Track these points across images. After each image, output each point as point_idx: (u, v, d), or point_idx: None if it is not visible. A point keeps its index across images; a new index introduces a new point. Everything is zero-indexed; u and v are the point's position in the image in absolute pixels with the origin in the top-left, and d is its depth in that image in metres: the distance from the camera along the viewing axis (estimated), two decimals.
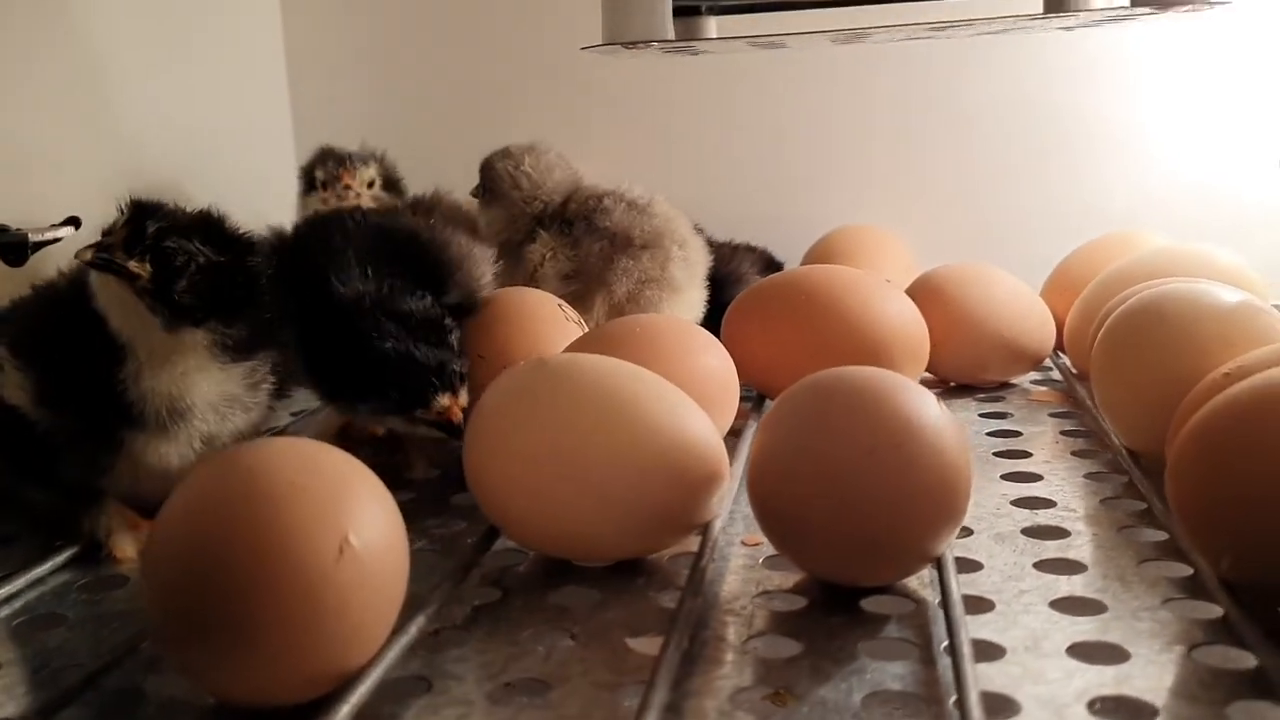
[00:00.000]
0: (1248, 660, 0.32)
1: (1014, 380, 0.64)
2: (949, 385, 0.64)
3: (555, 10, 0.79)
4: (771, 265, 0.74)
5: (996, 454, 0.52)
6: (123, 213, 0.41)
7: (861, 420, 0.35)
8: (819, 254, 0.73)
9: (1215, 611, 0.35)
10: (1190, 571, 0.38)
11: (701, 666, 0.34)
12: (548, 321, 0.54)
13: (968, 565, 0.40)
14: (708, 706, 0.31)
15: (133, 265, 0.40)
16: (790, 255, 0.75)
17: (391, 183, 0.66)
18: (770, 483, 0.37)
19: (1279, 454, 0.32)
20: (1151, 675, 0.32)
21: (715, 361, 0.50)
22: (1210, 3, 0.44)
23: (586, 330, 0.54)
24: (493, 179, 0.66)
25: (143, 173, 0.68)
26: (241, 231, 0.44)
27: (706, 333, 0.52)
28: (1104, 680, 0.32)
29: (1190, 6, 0.44)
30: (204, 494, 0.31)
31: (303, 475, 0.31)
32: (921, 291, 0.62)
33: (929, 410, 0.36)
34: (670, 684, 0.32)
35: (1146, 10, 0.45)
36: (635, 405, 0.39)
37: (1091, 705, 0.31)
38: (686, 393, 0.42)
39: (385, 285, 0.49)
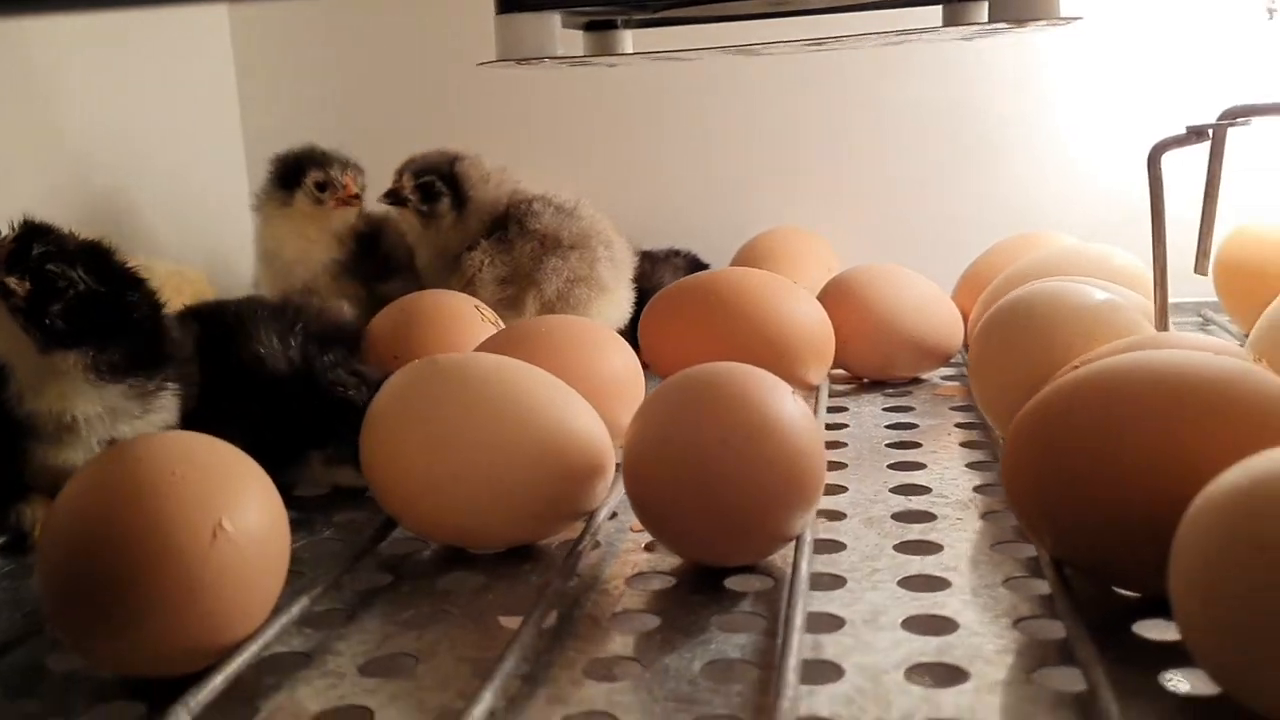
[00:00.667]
0: (1059, 631, 0.35)
1: (924, 376, 0.67)
2: (861, 381, 0.67)
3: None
4: (697, 268, 0.76)
5: (889, 445, 0.55)
6: (14, 230, 0.43)
7: (717, 413, 0.38)
8: (746, 256, 0.76)
9: (1045, 589, 0.38)
10: (1035, 553, 0.41)
11: (565, 641, 0.36)
12: (463, 322, 0.56)
13: (831, 546, 0.43)
14: (560, 675, 0.34)
15: (11, 282, 0.42)
16: (720, 258, 0.78)
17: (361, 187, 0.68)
18: (640, 469, 0.39)
19: (1096, 438, 0.35)
20: (972, 645, 0.35)
21: (620, 361, 0.53)
22: (1064, 19, 0.47)
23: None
24: (464, 184, 0.68)
25: (90, 183, 0.70)
26: (129, 265, 0.46)
27: (613, 333, 0.55)
28: (927, 649, 0.34)
29: (1045, 22, 0.47)
30: (93, 483, 0.34)
31: (183, 465, 0.34)
32: (833, 292, 0.65)
33: (782, 404, 0.39)
34: (527, 655, 0.34)
35: (1004, 26, 0.47)
36: (523, 401, 0.42)
37: (908, 672, 0.33)
38: (592, 391, 0.45)
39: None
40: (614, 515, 0.47)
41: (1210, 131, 0.48)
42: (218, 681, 0.32)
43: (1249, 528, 0.27)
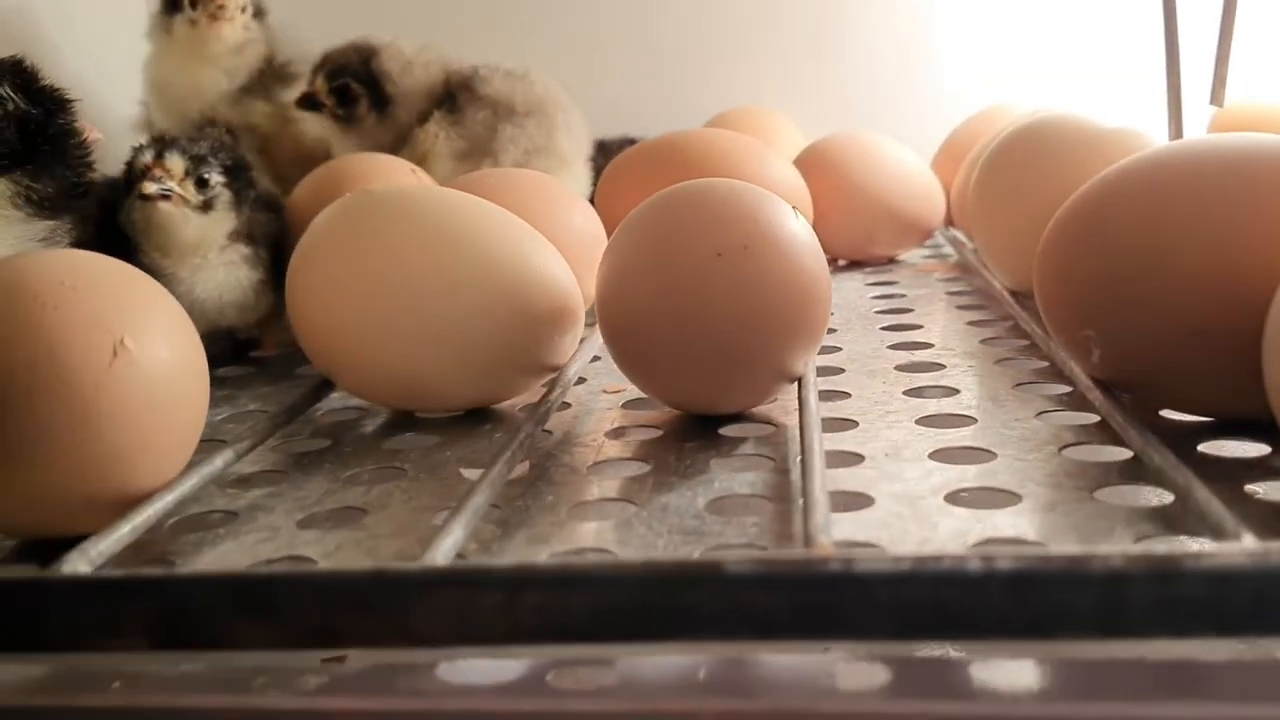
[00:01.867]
0: (1121, 454, 0.30)
1: (902, 257, 0.62)
2: (838, 263, 0.62)
3: None
4: None
5: (879, 312, 0.50)
6: None
7: (706, 224, 0.33)
8: None
9: (1091, 419, 0.33)
10: (1069, 389, 0.36)
11: (541, 488, 0.31)
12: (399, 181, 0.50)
13: (834, 395, 0.38)
14: (540, 518, 0.29)
15: None
16: None
17: (260, 11, 0.61)
18: (616, 304, 0.34)
19: (1148, 233, 0.30)
20: (1018, 470, 0.30)
21: (581, 220, 0.47)
22: None
23: None
24: (383, 81, 0.61)
25: None
26: (56, 88, 0.41)
27: (572, 191, 0.49)
28: (966, 476, 0.30)
29: None
30: None
31: (74, 276, 0.28)
32: (808, 163, 0.60)
33: (782, 217, 0.34)
34: (498, 500, 0.29)
35: None
36: (471, 235, 0.36)
37: (949, 496, 0.28)
38: (560, 243, 0.39)
39: None
40: (584, 380, 0.41)
41: None
42: (124, 531, 0.26)
43: None
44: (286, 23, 0.62)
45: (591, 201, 0.57)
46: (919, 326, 0.47)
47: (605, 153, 0.70)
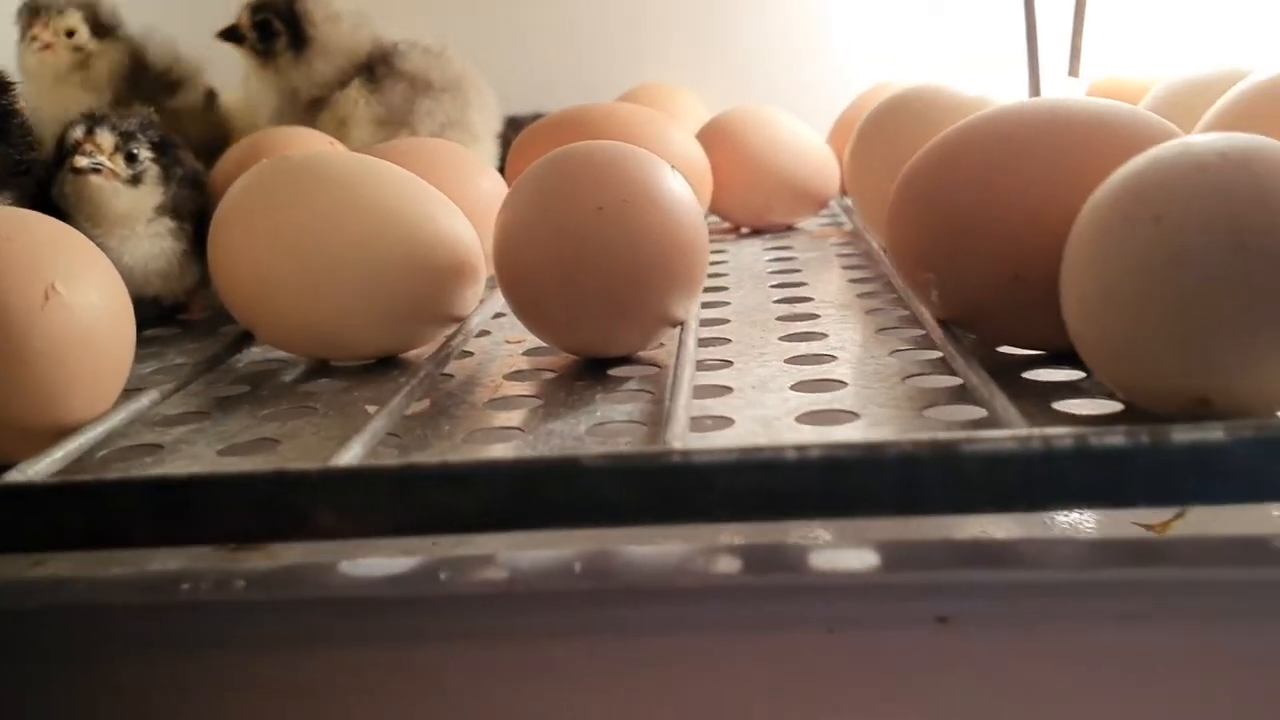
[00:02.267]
0: (953, 381, 0.34)
1: (801, 226, 0.66)
2: (740, 231, 0.65)
3: None
4: None
5: (771, 272, 0.54)
6: None
7: (589, 181, 0.36)
8: None
9: (935, 355, 0.37)
10: (923, 332, 0.40)
11: (439, 421, 0.34)
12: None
13: (716, 340, 0.41)
14: (437, 445, 0.32)
15: None
16: None
17: (103, 28, 0.62)
18: (510, 257, 0.37)
19: (976, 184, 0.34)
20: (863, 396, 0.34)
21: (488, 185, 0.50)
22: None
23: None
24: (303, 21, 0.63)
25: None
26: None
27: (479, 158, 0.52)
28: (817, 402, 0.33)
29: None
30: None
31: (10, 229, 0.31)
32: (709, 137, 0.63)
33: (661, 175, 0.37)
34: (397, 429, 0.32)
35: None
36: (379, 196, 0.39)
37: (800, 417, 0.32)
38: (469, 208, 0.42)
39: None
40: (487, 332, 0.45)
41: None
42: (56, 456, 0.29)
43: (1138, 200, 0.26)
44: (154, 26, 0.63)
45: (502, 172, 0.60)
46: (804, 284, 0.50)
47: (518, 128, 0.73)
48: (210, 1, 0.63)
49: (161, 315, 0.50)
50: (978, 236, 0.33)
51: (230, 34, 0.61)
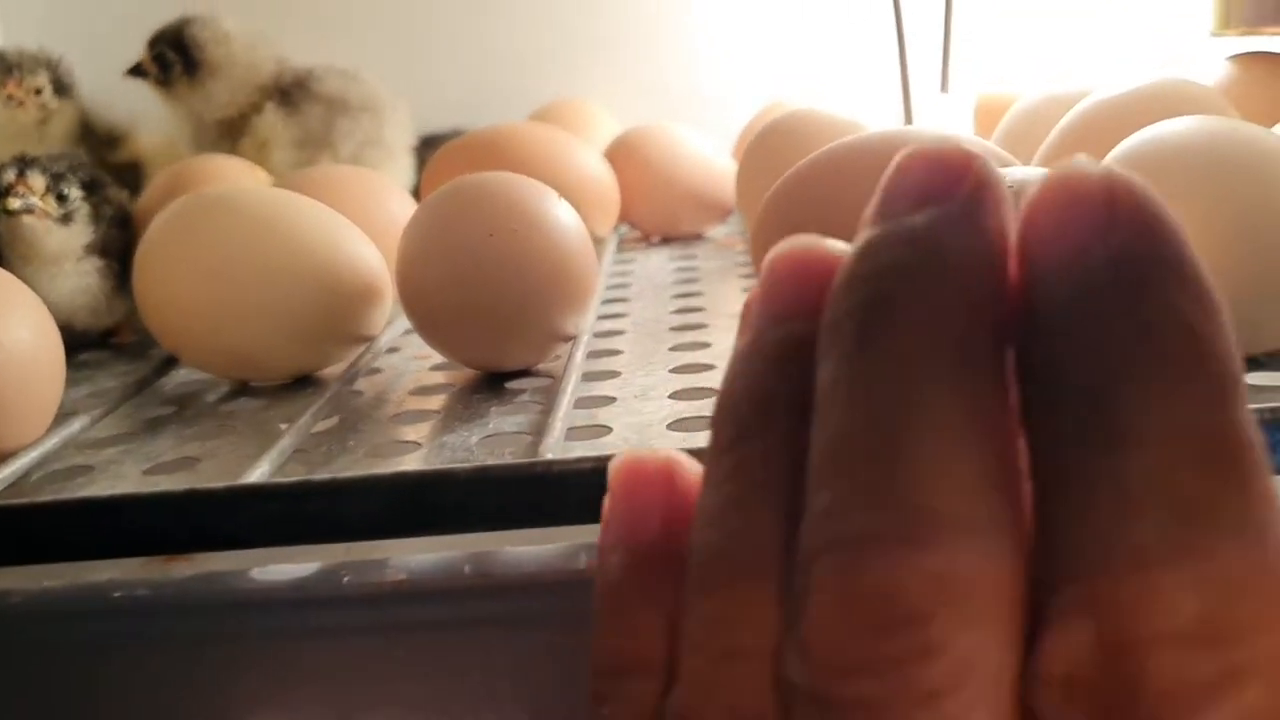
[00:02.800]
0: None
1: (710, 235, 0.70)
2: (651, 240, 0.69)
3: None
4: None
5: (673, 283, 0.57)
6: None
7: (482, 210, 0.39)
8: None
9: None
10: None
11: (344, 436, 0.37)
12: (236, 182, 0.56)
13: (608, 352, 0.45)
14: (339, 460, 0.35)
15: None
16: None
17: (63, 87, 0.65)
18: (410, 280, 0.41)
19: (824, 208, 0.37)
20: None
21: (397, 207, 0.53)
22: None
23: None
24: (193, 47, 0.66)
25: None
26: None
27: (390, 181, 0.56)
28: (690, 409, 0.37)
29: None
30: None
31: None
32: (617, 152, 0.67)
33: (549, 204, 0.41)
34: (304, 445, 0.36)
35: None
36: (289, 226, 0.42)
37: (672, 425, 0.36)
38: (371, 234, 0.46)
39: None
40: (396, 349, 0.48)
41: None
42: None
43: None
44: (101, 92, 0.65)
45: (416, 191, 0.63)
46: (701, 294, 0.54)
47: (435, 144, 0.76)
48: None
49: (91, 341, 0.52)
50: None
51: (136, 71, 0.64)
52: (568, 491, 0.27)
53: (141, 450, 0.38)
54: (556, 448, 0.31)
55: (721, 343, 0.45)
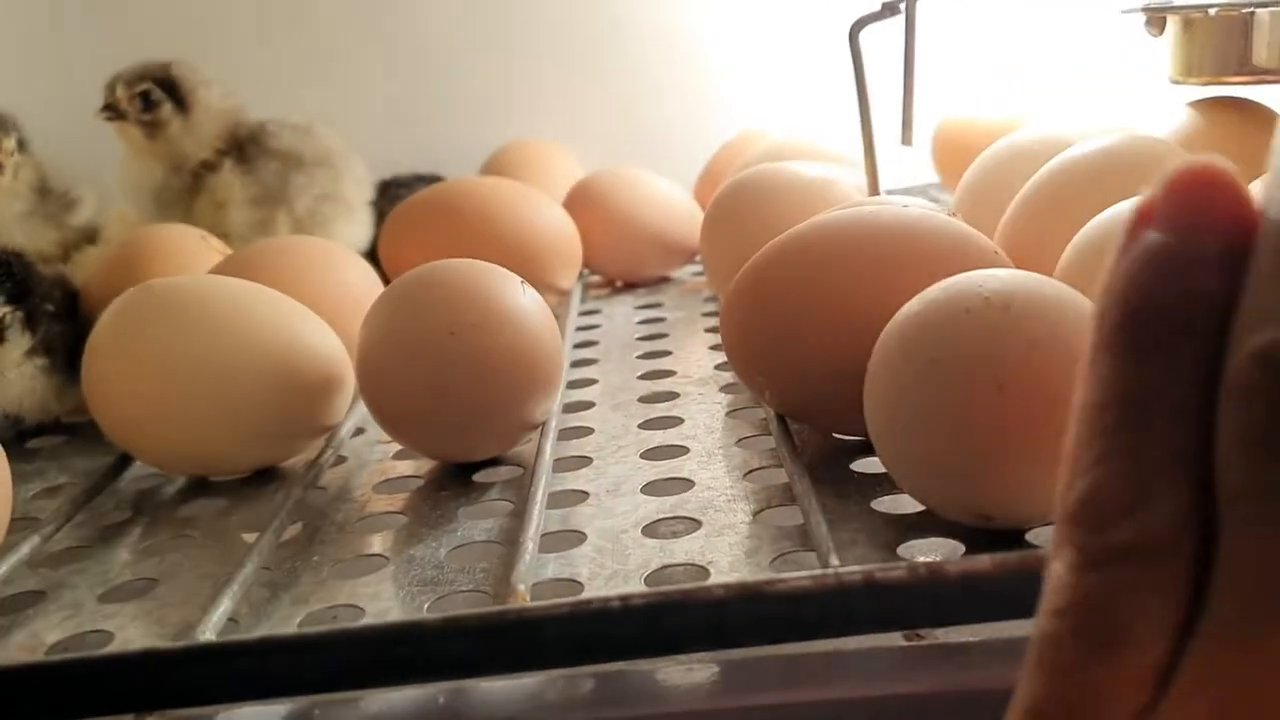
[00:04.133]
0: (784, 477, 0.37)
1: (674, 275, 0.69)
2: (615, 285, 0.68)
3: None
4: None
5: (640, 339, 0.56)
6: None
7: (442, 305, 0.38)
8: (490, 170, 0.76)
9: (774, 444, 0.40)
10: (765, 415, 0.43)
11: (311, 547, 0.36)
12: (190, 255, 0.55)
13: (579, 432, 0.44)
14: (305, 578, 0.34)
15: None
16: (465, 174, 0.77)
17: (23, 143, 0.63)
18: (372, 370, 0.39)
19: (798, 290, 0.37)
20: (705, 498, 0.36)
21: (355, 276, 0.52)
22: None
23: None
24: (183, 86, 0.64)
25: None
26: None
27: (347, 250, 0.54)
28: (664, 508, 0.36)
29: None
30: None
31: None
32: (578, 198, 0.66)
33: (510, 294, 0.40)
34: (268, 563, 0.34)
35: None
36: (245, 319, 0.41)
37: (647, 529, 0.35)
38: (328, 308, 0.45)
39: None
40: (362, 431, 0.47)
41: (902, 6, 0.51)
42: None
43: (916, 343, 0.29)
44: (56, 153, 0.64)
45: (375, 244, 0.62)
46: (669, 353, 0.53)
47: (396, 189, 0.75)
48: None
49: (44, 428, 0.51)
50: (799, 343, 0.36)
51: (112, 111, 0.62)
52: (541, 637, 0.26)
53: (95, 568, 0.36)
54: (528, 571, 0.31)
55: (695, 418, 0.44)
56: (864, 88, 0.51)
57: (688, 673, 0.30)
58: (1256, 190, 0.38)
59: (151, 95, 0.64)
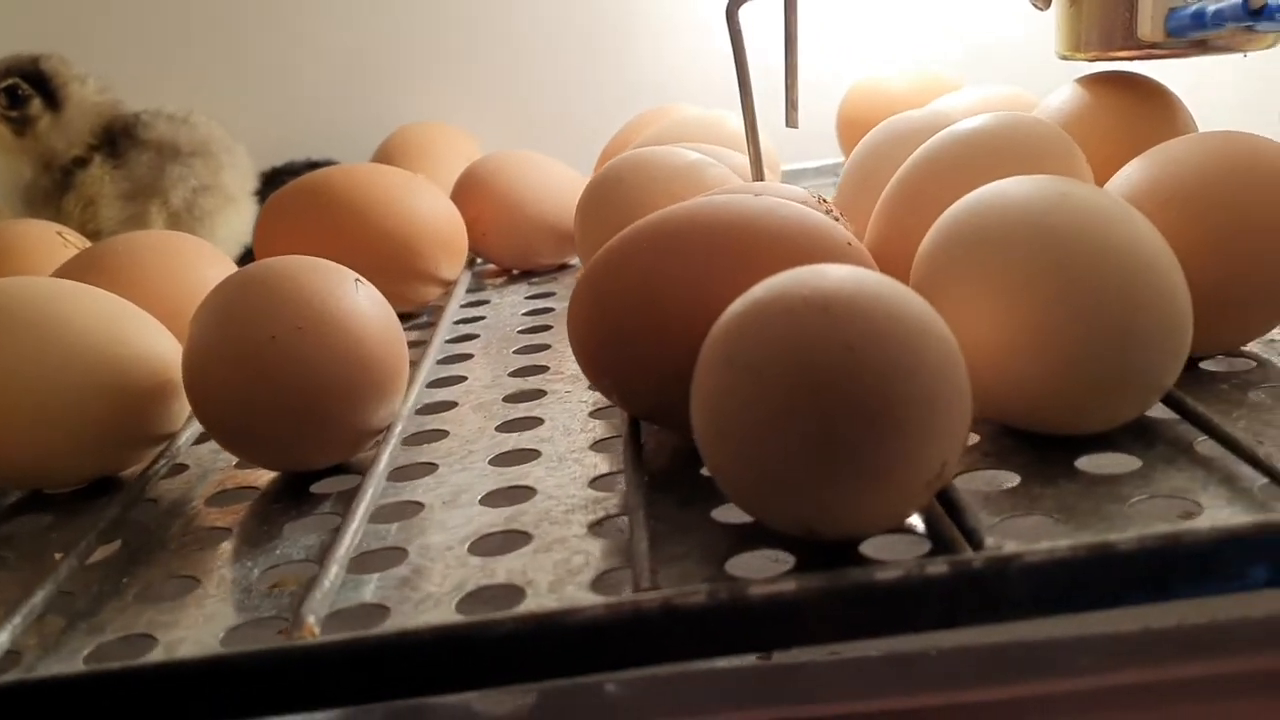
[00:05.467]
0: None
1: (572, 262, 0.67)
2: (510, 273, 0.66)
3: None
4: None
5: (521, 331, 0.54)
6: None
7: (264, 307, 0.36)
8: (383, 155, 0.73)
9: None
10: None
11: (122, 568, 0.34)
12: (45, 252, 0.52)
13: (432, 436, 0.42)
14: (107, 604, 0.32)
15: None
16: (362, 161, 0.75)
17: None
18: (195, 378, 0.37)
19: (639, 286, 0.34)
20: (542, 509, 0.34)
21: (217, 272, 0.50)
22: None
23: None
24: (54, 80, 0.62)
25: None
26: None
27: (205, 245, 0.52)
28: (498, 520, 0.34)
29: None
30: None
31: None
32: (466, 184, 0.63)
33: (341, 292, 0.37)
34: (67, 589, 0.32)
35: None
36: (69, 321, 0.39)
37: (474, 545, 0.33)
38: (183, 307, 0.42)
39: None
40: (206, 439, 0.44)
41: None
42: None
43: (737, 346, 0.27)
44: None
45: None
46: (548, 347, 0.51)
47: (286, 178, 0.72)
48: None
49: None
50: (638, 341, 0.34)
51: None
52: (320, 676, 0.24)
53: None
54: (326, 598, 0.28)
55: (555, 418, 0.42)
56: (744, 68, 0.49)
57: (502, 699, 0.28)
58: (1134, 168, 0.36)
59: (19, 90, 0.61)
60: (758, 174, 0.50)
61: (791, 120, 0.51)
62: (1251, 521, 0.24)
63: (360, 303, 0.37)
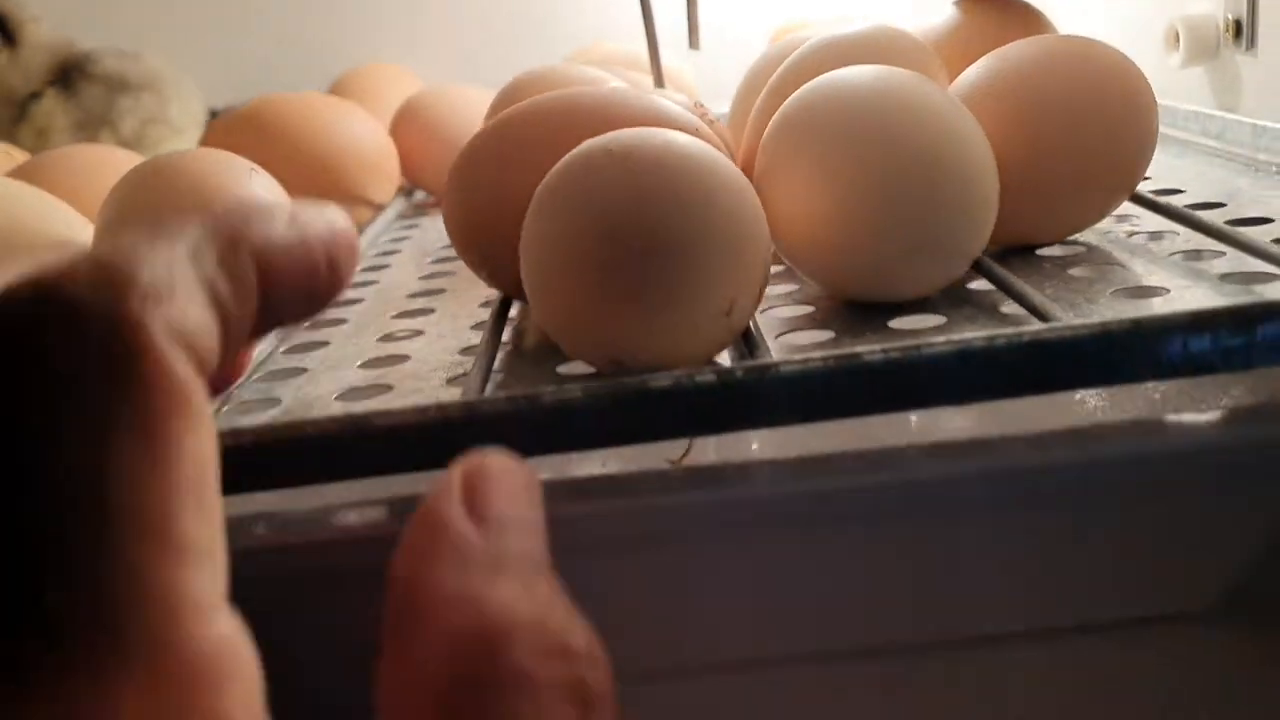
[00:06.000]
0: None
1: None
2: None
3: None
4: None
5: (444, 246, 0.57)
6: None
7: (162, 196, 0.39)
8: (334, 94, 0.76)
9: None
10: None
11: None
12: None
13: (333, 322, 0.45)
14: None
15: None
16: None
17: None
18: None
19: (504, 174, 0.38)
20: (409, 369, 0.38)
21: None
22: None
23: None
24: (9, 20, 0.65)
25: None
26: None
27: (134, 156, 0.55)
28: (368, 378, 0.37)
29: None
30: None
31: None
32: (404, 117, 0.67)
33: (239, 183, 0.41)
34: None
35: None
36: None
37: (340, 394, 0.36)
38: None
39: None
40: None
41: None
42: None
43: (551, 196, 0.30)
44: None
45: None
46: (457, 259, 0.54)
47: None
48: None
49: None
50: (503, 222, 0.37)
51: None
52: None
53: None
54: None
55: (447, 309, 0.45)
56: None
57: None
58: (975, 66, 0.38)
59: None
60: (658, 81, 0.53)
61: (693, 42, 0.54)
62: (985, 334, 0.27)
63: (255, 191, 0.41)
